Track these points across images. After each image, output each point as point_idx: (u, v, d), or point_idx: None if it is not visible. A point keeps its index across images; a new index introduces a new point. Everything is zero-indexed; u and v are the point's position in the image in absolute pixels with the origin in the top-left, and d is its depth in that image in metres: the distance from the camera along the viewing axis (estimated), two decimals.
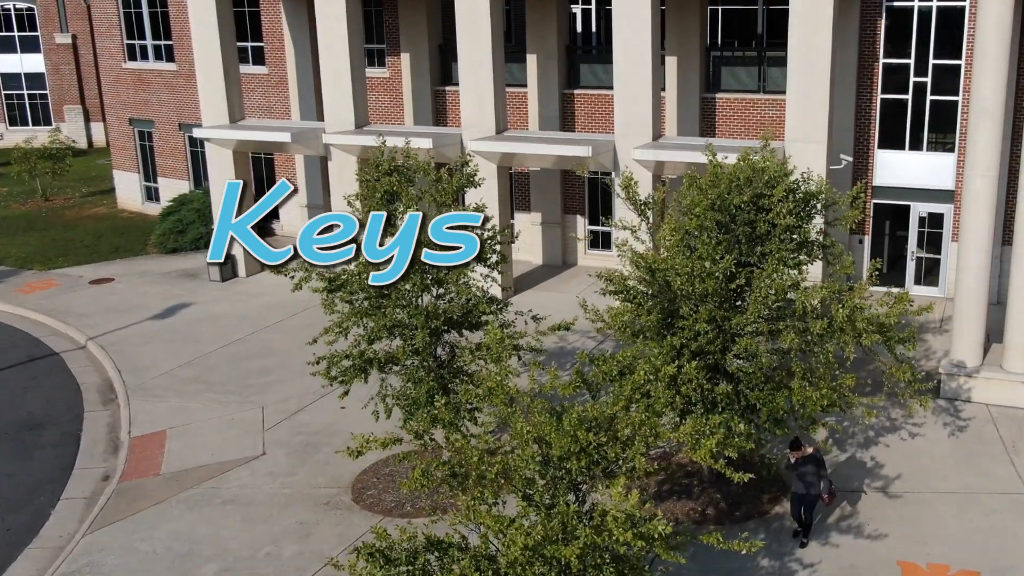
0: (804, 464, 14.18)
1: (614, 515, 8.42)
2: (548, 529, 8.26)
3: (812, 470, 14.08)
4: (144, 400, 19.97)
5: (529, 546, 8.08)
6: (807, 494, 14.16)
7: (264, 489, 16.48)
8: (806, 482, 14.11)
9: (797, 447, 14.34)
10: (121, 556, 14.68)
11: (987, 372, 18.83)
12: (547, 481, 9.72)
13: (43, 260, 29.60)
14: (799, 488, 14.22)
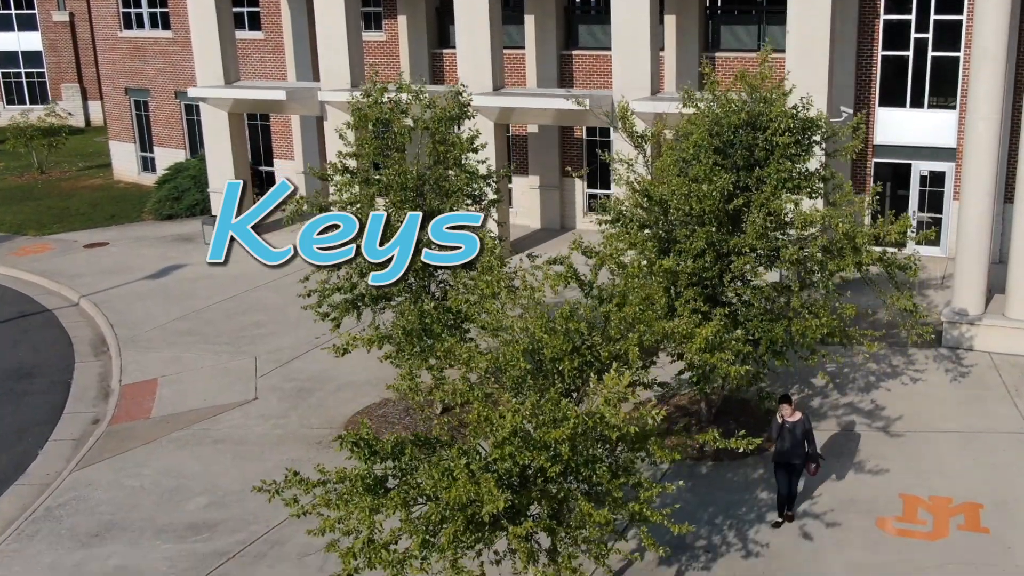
0: (791, 430, 12.97)
1: (606, 397, 8.18)
2: (537, 408, 8.02)
3: (799, 438, 12.95)
4: (136, 351, 19.75)
5: (518, 425, 7.83)
6: (795, 463, 13.04)
7: (256, 430, 16.25)
8: (793, 449, 12.92)
9: (788, 402, 13.16)
10: (108, 491, 14.46)
11: (989, 320, 18.58)
12: (539, 382, 9.49)
13: (38, 226, 29.39)
14: (787, 455, 12.98)
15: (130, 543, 13.09)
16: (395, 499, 8.03)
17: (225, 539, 13.12)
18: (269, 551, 12.85)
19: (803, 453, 12.95)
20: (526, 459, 8.08)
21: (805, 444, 12.93)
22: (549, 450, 8.02)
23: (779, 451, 13.01)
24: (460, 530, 7.93)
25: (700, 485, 14.15)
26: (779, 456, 13.01)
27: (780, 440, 13.01)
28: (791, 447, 12.89)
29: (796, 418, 12.99)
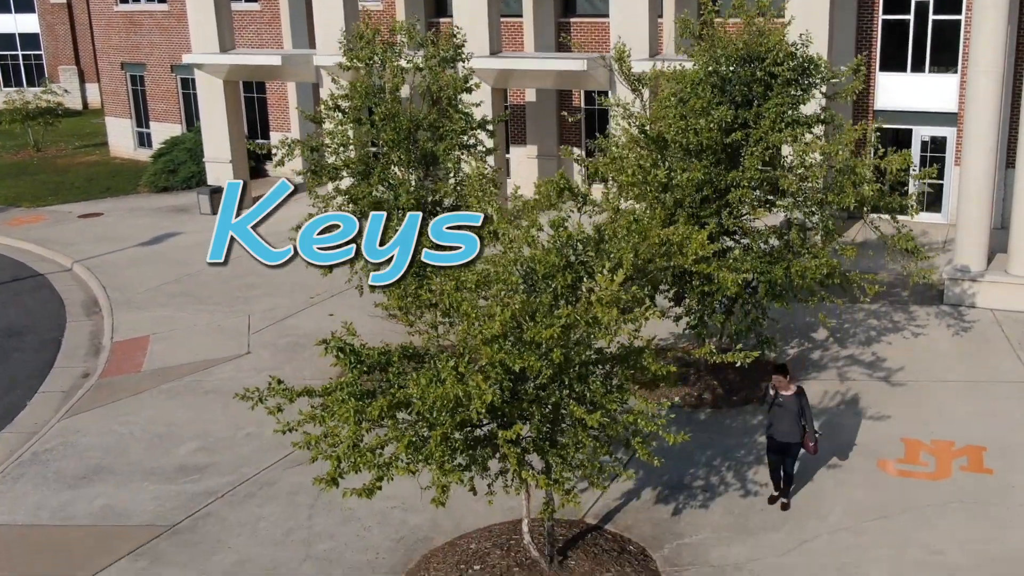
0: (785, 404, 11.61)
1: (598, 295, 7.94)
2: (528, 306, 7.77)
3: (794, 413, 11.55)
4: (128, 312, 19.52)
5: (507, 322, 7.58)
6: (787, 443, 11.63)
7: (248, 381, 15.89)
8: (786, 428, 11.59)
9: (783, 373, 11.72)
10: (97, 437, 14.23)
11: (992, 276, 18.34)
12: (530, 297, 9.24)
13: (32, 199, 29.17)
14: (778, 434, 11.61)
15: (117, 484, 12.87)
16: (381, 403, 7.80)
17: (214, 480, 12.89)
18: (259, 491, 12.62)
19: (799, 431, 11.55)
20: (516, 362, 7.83)
21: (802, 422, 11.56)
22: (540, 350, 7.77)
23: (771, 429, 11.69)
24: (448, 433, 7.69)
25: (698, 430, 13.90)
26: (771, 435, 11.70)
27: (772, 416, 11.67)
28: (785, 425, 11.53)
29: (791, 392, 11.62)
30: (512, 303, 7.75)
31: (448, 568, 10.73)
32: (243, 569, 10.94)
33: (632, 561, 10.80)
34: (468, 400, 7.51)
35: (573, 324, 7.90)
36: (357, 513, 12.02)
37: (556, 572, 10.42)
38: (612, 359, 9.10)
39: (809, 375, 15.57)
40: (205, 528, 11.81)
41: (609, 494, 12.27)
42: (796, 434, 11.58)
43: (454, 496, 12.30)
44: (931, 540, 11.12)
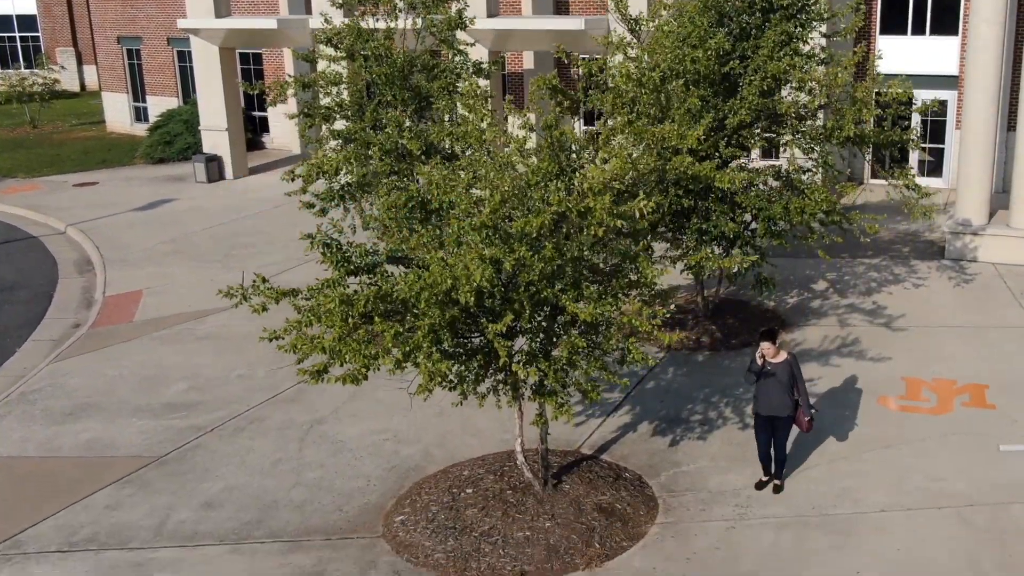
0: (773, 374, 10.33)
1: (589, 183, 7.72)
2: (518, 186, 7.55)
3: (785, 383, 10.31)
4: (122, 268, 19.32)
5: (498, 206, 7.36)
6: (777, 417, 10.39)
7: (240, 329, 15.81)
8: (775, 400, 10.35)
9: (771, 338, 10.38)
10: (85, 379, 14.03)
11: (993, 229, 18.14)
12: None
13: (27, 170, 28.96)
14: (766, 407, 10.39)
15: (105, 420, 12.67)
16: (368, 293, 7.58)
17: (203, 417, 12.69)
18: (248, 426, 12.42)
19: (790, 404, 10.35)
20: (508, 258, 7.60)
21: (794, 394, 10.39)
22: (531, 243, 7.55)
23: (758, 403, 10.53)
24: (436, 326, 7.47)
25: (696, 371, 13.71)
26: (759, 408, 10.53)
27: (759, 387, 10.47)
28: (774, 397, 10.35)
29: (780, 359, 10.38)
30: (502, 184, 7.53)
31: (440, 492, 10.52)
32: (231, 496, 10.74)
33: (628, 486, 10.60)
34: (456, 289, 7.29)
35: (564, 215, 7.68)
36: (348, 445, 11.83)
37: (550, 495, 10.21)
38: (606, 272, 8.88)
39: (808, 322, 15.37)
40: (193, 459, 11.61)
41: (605, 427, 12.08)
42: (786, 407, 10.37)
43: (447, 429, 12.21)
44: (932, 469, 10.92)
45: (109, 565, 9.53)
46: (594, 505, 10.12)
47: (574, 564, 9.31)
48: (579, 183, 7.93)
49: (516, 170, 8.96)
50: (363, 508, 10.42)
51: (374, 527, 10.05)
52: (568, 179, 8.94)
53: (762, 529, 9.86)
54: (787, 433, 10.60)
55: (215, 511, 10.45)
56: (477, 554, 9.42)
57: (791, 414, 10.42)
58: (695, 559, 9.37)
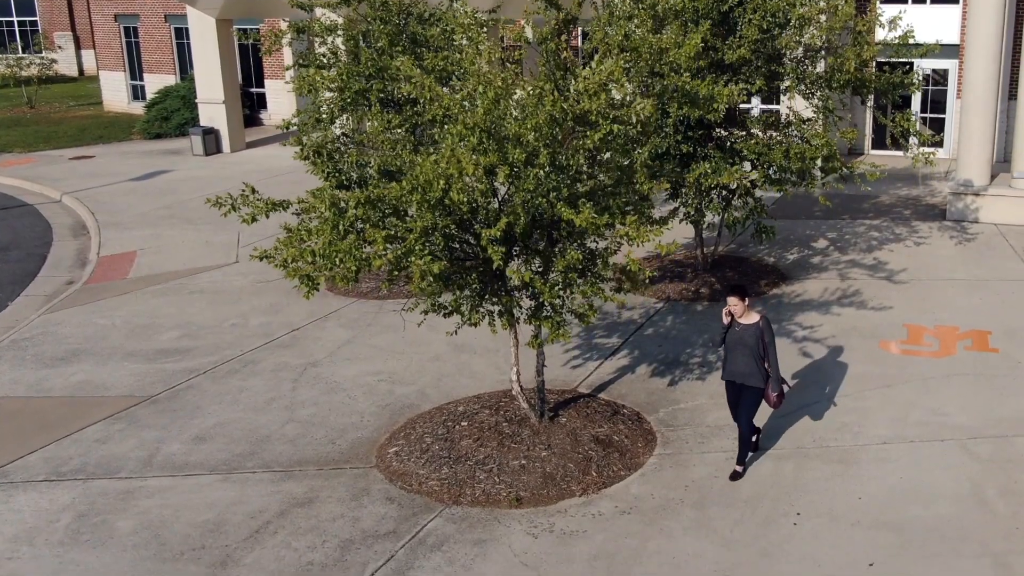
0: (741, 336, 9.13)
1: (584, 84, 7.54)
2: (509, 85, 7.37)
3: (753, 348, 9.08)
4: (117, 231, 19.16)
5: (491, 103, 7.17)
6: (745, 387, 9.20)
7: (235, 283, 15.68)
8: (741, 366, 9.16)
9: (740, 294, 9.15)
10: (77, 328, 13.87)
11: (995, 189, 18.00)
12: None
13: (23, 145, 28.83)
14: (730, 374, 9.29)
15: (96, 364, 12.51)
16: (358, 195, 7.40)
17: (196, 360, 12.53)
18: (241, 368, 12.26)
19: (759, 373, 9.13)
20: (502, 168, 7.44)
21: (763, 363, 9.16)
22: (525, 146, 7.37)
23: (725, 366, 9.38)
24: (430, 228, 7.30)
25: (695, 319, 13.56)
26: (725, 373, 9.40)
27: (726, 350, 9.32)
28: (740, 362, 9.15)
29: (751, 321, 9.20)
30: (495, 80, 7.35)
31: (435, 425, 10.36)
32: (222, 430, 10.57)
33: (625, 421, 10.43)
34: (449, 193, 7.11)
35: (560, 119, 7.50)
36: (343, 385, 11.67)
37: (546, 427, 10.05)
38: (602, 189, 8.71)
39: (809, 275, 15.21)
40: (185, 397, 11.45)
41: (603, 369, 11.92)
42: (755, 376, 9.13)
43: (444, 372, 12.05)
44: (934, 405, 10.76)
45: (97, 492, 9.37)
46: (591, 437, 9.96)
47: (571, 491, 9.15)
48: (575, 87, 7.76)
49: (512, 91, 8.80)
50: (356, 441, 10.26)
51: (367, 458, 9.89)
52: (565, 90, 8.77)
53: (761, 459, 9.69)
54: (753, 407, 9.23)
55: (206, 444, 10.29)
56: (472, 481, 9.26)
57: (760, 385, 9.15)
58: (693, 486, 9.21)
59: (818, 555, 8.13)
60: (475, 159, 6.97)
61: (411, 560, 8.16)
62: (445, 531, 8.57)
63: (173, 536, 8.61)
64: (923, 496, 8.97)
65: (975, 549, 8.16)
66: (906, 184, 21.24)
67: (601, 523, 8.64)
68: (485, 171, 7.69)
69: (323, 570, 8.06)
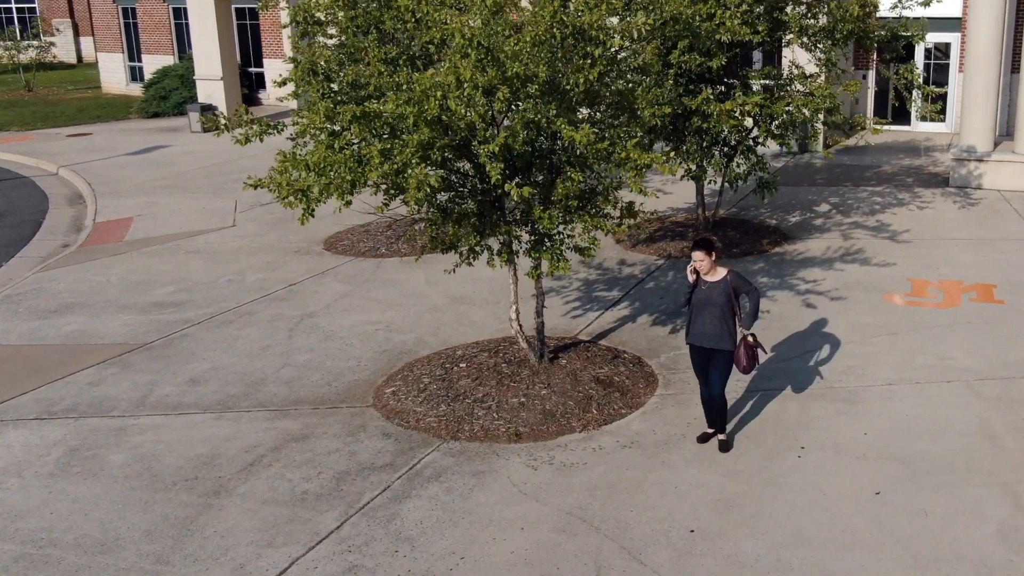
0: (709, 294, 8.22)
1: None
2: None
3: (721, 306, 8.19)
4: (113, 199, 19.00)
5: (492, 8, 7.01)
6: (715, 351, 8.29)
7: (231, 244, 15.52)
8: (708, 327, 8.24)
9: (705, 248, 8.18)
10: (71, 284, 13.72)
11: (999, 155, 17.83)
12: None
13: (21, 124, 28.68)
14: (698, 337, 8.34)
15: (90, 316, 12.35)
16: (352, 109, 7.23)
17: (191, 312, 12.37)
18: (237, 319, 12.10)
19: (727, 335, 8.24)
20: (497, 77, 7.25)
21: (734, 321, 8.27)
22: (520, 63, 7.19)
23: (691, 329, 8.42)
24: (427, 140, 7.13)
25: None
26: (691, 337, 8.43)
27: (693, 311, 8.36)
28: (708, 323, 8.24)
29: (718, 277, 8.26)
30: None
31: (433, 367, 10.20)
32: (217, 374, 10.41)
33: (626, 364, 10.27)
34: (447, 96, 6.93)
35: (560, 33, 7.33)
36: (339, 334, 11.51)
37: (546, 368, 9.89)
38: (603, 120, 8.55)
39: (811, 236, 15.06)
40: (179, 345, 11.29)
41: (603, 318, 11.76)
42: (726, 338, 8.23)
43: (442, 321, 11.89)
44: (940, 350, 10.60)
45: (88, 429, 9.21)
46: (591, 377, 9.81)
47: (571, 427, 8.99)
48: (575, 3, 7.59)
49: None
50: (353, 384, 10.10)
51: (364, 399, 9.73)
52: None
53: (765, 399, 9.53)
54: (725, 373, 8.37)
55: (200, 386, 10.13)
56: (470, 418, 9.10)
57: (731, 348, 8.29)
58: (696, 423, 9.04)
59: (823, 485, 7.97)
60: (473, 73, 6.78)
61: (408, 490, 8.00)
62: (443, 464, 8.41)
63: (165, 468, 8.45)
64: (930, 431, 8.81)
65: (984, 479, 8.00)
66: (908, 155, 21.09)
67: (602, 456, 8.49)
68: (484, 92, 7.54)
69: (318, 499, 7.90)
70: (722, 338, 8.29)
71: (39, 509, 7.87)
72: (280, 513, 7.71)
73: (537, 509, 7.69)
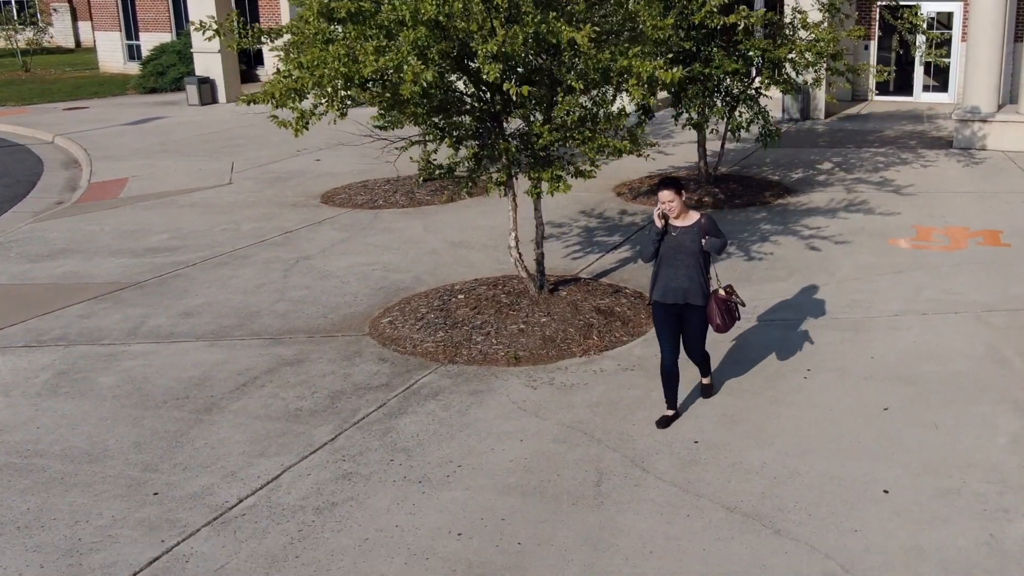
0: (679, 242, 7.11)
1: None
2: None
3: (695, 257, 7.10)
4: (109, 163, 18.79)
5: None
6: (689, 307, 7.21)
7: (227, 199, 15.33)
8: (680, 280, 7.12)
9: (674, 187, 7.13)
10: (65, 233, 13.52)
11: (1004, 116, 17.66)
12: None
13: (18, 99, 28.49)
14: (667, 293, 7.18)
15: (82, 260, 12.15)
16: (347, 4, 7.02)
17: (186, 255, 12.18)
18: (232, 261, 11.90)
19: (701, 288, 7.17)
20: None
21: (708, 273, 7.24)
22: None
23: (658, 284, 7.26)
24: (422, 38, 6.93)
25: None
26: (658, 293, 7.26)
27: (660, 262, 7.23)
28: (680, 274, 7.14)
29: (691, 221, 7.19)
30: None
31: (430, 299, 10.01)
32: (210, 308, 10.22)
33: (628, 297, 10.07)
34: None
35: None
36: (336, 273, 11.32)
37: (546, 298, 9.70)
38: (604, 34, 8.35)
39: (814, 189, 14.88)
40: (173, 283, 11.10)
41: (604, 260, 11.58)
42: (697, 292, 7.17)
43: (440, 262, 11.69)
44: (947, 286, 10.41)
45: (78, 355, 9.01)
46: (592, 307, 9.61)
47: (571, 352, 8.79)
48: None
49: None
50: (348, 316, 9.91)
51: (360, 328, 9.54)
52: None
53: (769, 328, 9.34)
54: (702, 333, 7.39)
55: (193, 318, 9.93)
56: (468, 343, 8.91)
57: (703, 303, 7.25)
58: None
59: (830, 402, 7.78)
60: None
61: (404, 407, 7.81)
62: (440, 384, 8.22)
63: (156, 389, 8.26)
64: (938, 355, 8.62)
65: (995, 397, 7.81)
66: (911, 122, 20.92)
67: (603, 377, 8.29)
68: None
69: (312, 415, 7.71)
70: (697, 292, 7.18)
71: (25, 424, 7.68)
72: (273, 427, 7.52)
73: (537, 423, 7.50)
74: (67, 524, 6.26)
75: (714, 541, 5.96)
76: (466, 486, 6.62)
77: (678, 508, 6.32)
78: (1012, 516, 6.15)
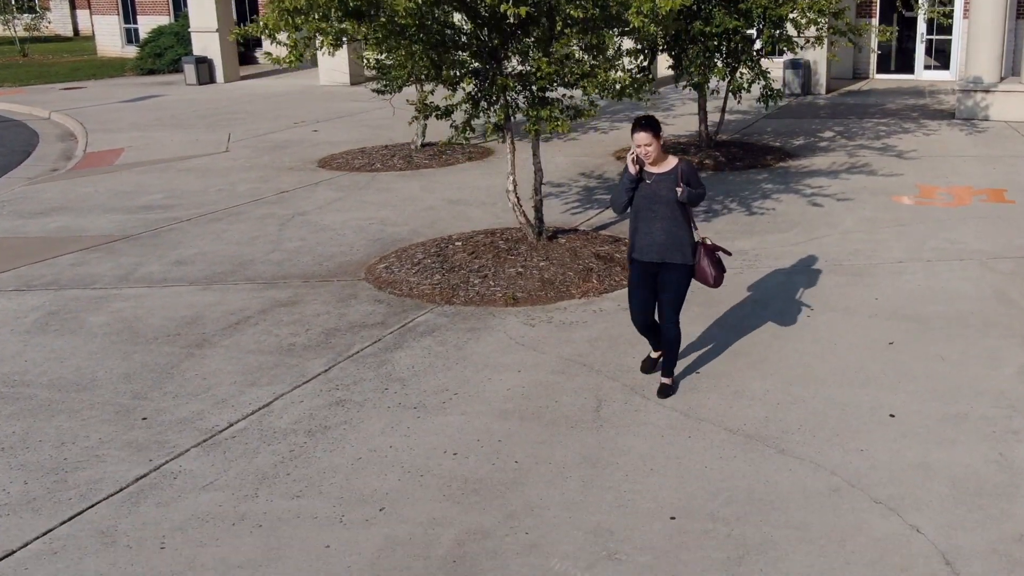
0: (655, 190, 6.27)
1: None
2: None
3: (674, 207, 6.28)
4: (105, 134, 18.63)
5: None
6: (667, 266, 6.38)
7: (223, 164, 15.18)
8: (657, 234, 6.31)
9: (650, 129, 6.17)
10: (59, 194, 13.38)
11: (1007, 86, 17.50)
12: None
13: (15, 80, 28.34)
14: (645, 251, 6.39)
15: (76, 216, 12.00)
16: None
17: (180, 212, 12.03)
18: (227, 217, 11.75)
19: (687, 243, 6.36)
20: None
21: (690, 225, 6.41)
22: None
23: (635, 239, 6.46)
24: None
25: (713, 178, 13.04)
26: (635, 250, 6.48)
27: (635, 214, 6.42)
28: (656, 229, 6.32)
29: (668, 167, 6.33)
30: None
31: (426, 248, 9.86)
32: (204, 257, 10.07)
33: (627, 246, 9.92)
34: None
35: None
36: (331, 227, 11.17)
37: (544, 244, 9.55)
38: None
39: (816, 154, 14.73)
40: (167, 236, 10.95)
41: (603, 215, 11.43)
42: (682, 248, 6.34)
43: (438, 217, 11.55)
44: (952, 236, 10.27)
45: (69, 298, 8.86)
46: (592, 253, 9.47)
47: (570, 294, 8.64)
48: None
49: None
50: (344, 264, 9.76)
51: (356, 274, 9.40)
52: None
53: (773, 274, 9.19)
54: (680, 297, 6.45)
55: (186, 266, 9.79)
56: (465, 286, 8.76)
57: (689, 261, 6.37)
58: (700, 290, 8.63)
59: (834, 338, 7.63)
60: None
61: (400, 342, 7.66)
62: (436, 322, 8.07)
63: (147, 328, 8.11)
64: (944, 297, 8.47)
65: (1001, 332, 7.66)
66: (913, 97, 20.77)
67: (603, 317, 8.15)
68: None
69: (305, 350, 7.56)
70: (676, 247, 6.32)
71: (13, 358, 7.53)
72: (266, 360, 7.38)
73: (535, 356, 7.35)
74: (53, 445, 6.11)
75: (716, 459, 5.81)
76: (462, 411, 6.47)
77: (679, 430, 6.18)
78: (1023, 438, 6.01)
